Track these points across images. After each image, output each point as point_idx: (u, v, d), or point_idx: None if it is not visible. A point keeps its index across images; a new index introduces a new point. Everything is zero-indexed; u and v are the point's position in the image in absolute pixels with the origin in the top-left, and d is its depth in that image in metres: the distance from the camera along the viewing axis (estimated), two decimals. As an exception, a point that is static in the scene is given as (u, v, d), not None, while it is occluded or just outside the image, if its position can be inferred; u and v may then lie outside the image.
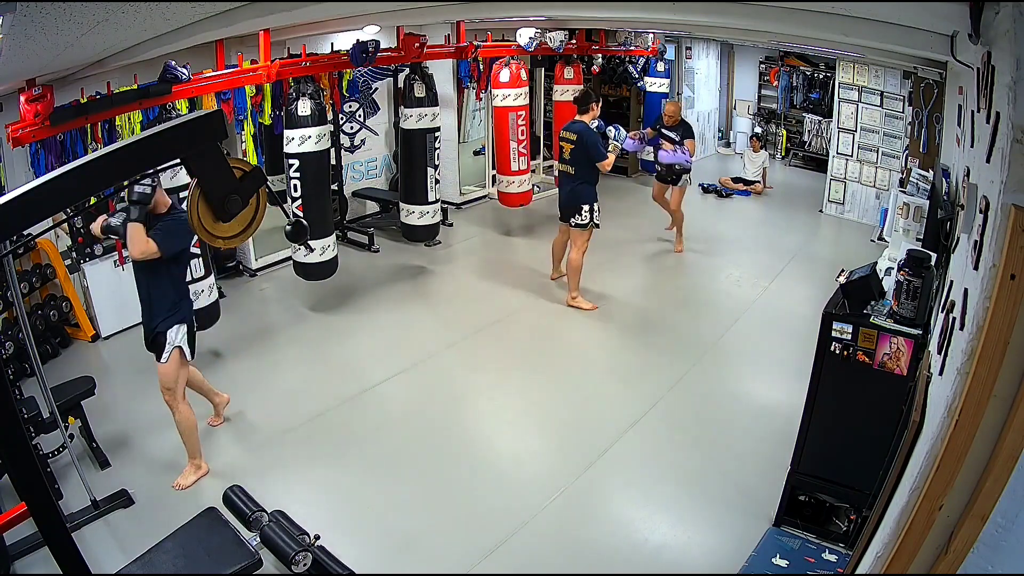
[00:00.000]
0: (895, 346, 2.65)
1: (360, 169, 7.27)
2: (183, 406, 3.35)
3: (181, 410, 3.34)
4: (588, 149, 4.99)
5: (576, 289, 5.40)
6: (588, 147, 4.99)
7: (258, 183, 1.91)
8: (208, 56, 4.61)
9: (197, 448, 3.46)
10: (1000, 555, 1.33)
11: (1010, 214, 1.20)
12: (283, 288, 5.73)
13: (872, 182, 7.65)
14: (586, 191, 5.11)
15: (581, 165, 5.06)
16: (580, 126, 5.06)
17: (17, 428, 1.45)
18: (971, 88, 2.02)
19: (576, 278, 5.36)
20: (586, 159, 5.03)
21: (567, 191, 5.21)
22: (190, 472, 3.44)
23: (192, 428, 3.40)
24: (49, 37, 2.23)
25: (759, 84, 10.98)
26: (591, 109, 5.09)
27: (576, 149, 5.04)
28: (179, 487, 3.39)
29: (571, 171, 5.12)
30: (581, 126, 5.06)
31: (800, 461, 3.06)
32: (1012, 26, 1.22)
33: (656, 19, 5.89)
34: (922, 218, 3.42)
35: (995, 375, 1.25)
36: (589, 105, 5.09)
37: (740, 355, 4.86)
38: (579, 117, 5.13)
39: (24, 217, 1.38)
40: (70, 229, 4.80)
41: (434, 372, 4.55)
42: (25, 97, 3.59)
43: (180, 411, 3.34)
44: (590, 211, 5.11)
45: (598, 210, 5.17)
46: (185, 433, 3.39)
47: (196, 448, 3.45)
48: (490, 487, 3.47)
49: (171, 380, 3.28)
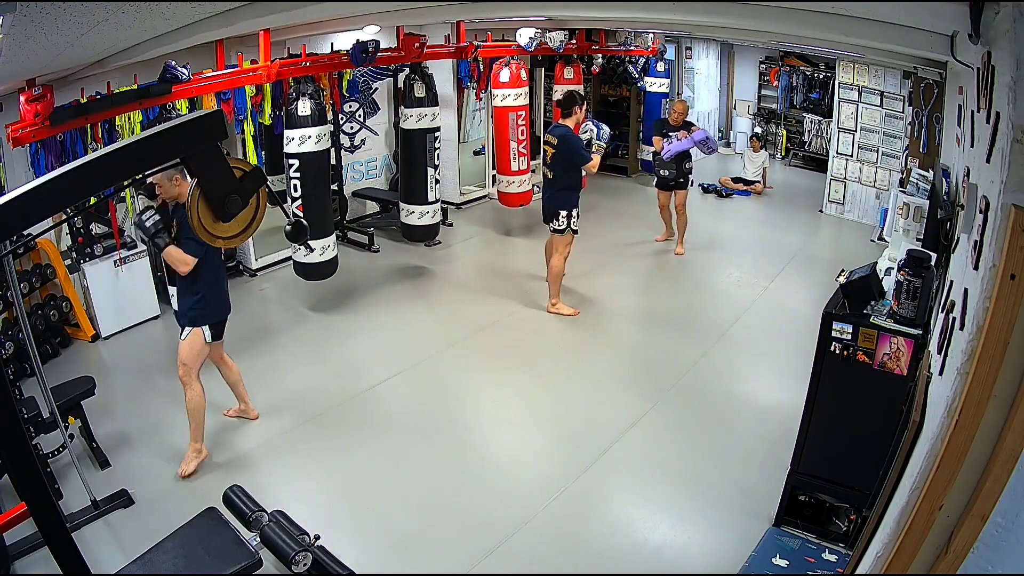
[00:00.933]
0: (895, 346, 2.65)
1: (360, 169, 7.27)
2: (196, 385, 3.42)
3: (194, 388, 3.41)
4: (571, 155, 4.85)
5: (556, 296, 5.29)
6: (571, 153, 4.84)
7: (258, 183, 1.91)
8: (208, 56, 4.61)
9: (200, 431, 3.50)
10: (1000, 555, 1.33)
11: (1010, 214, 1.20)
12: (283, 288, 5.73)
13: (872, 182, 7.65)
14: (566, 196, 4.98)
15: (561, 170, 4.93)
16: (562, 130, 4.92)
17: (17, 428, 1.45)
18: (971, 88, 2.02)
19: (557, 284, 5.25)
20: (567, 164, 4.90)
21: (547, 196, 5.09)
22: (192, 458, 3.48)
23: (200, 408, 3.45)
24: (49, 37, 2.23)
25: (759, 84, 10.98)
26: (574, 112, 4.93)
27: (557, 154, 4.90)
28: (183, 474, 3.44)
29: (551, 176, 5.00)
30: (563, 130, 4.91)
31: (800, 461, 3.06)
32: (1012, 26, 1.22)
33: (656, 19, 5.89)
34: (922, 218, 3.42)
35: (995, 375, 1.25)
36: (572, 108, 4.94)
37: (740, 355, 4.86)
38: (563, 121, 4.99)
39: (24, 217, 1.38)
40: (70, 229, 4.80)
41: (434, 372, 4.55)
42: (25, 97, 3.60)
43: (193, 389, 3.41)
44: (568, 216, 4.98)
45: (576, 216, 5.03)
46: (192, 412, 3.44)
47: (199, 431, 3.49)
48: (490, 487, 3.47)
49: (190, 358, 3.38)
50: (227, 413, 3.93)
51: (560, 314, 5.27)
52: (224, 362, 3.72)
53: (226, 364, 3.74)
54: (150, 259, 5.01)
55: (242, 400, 3.91)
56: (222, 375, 3.77)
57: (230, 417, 3.93)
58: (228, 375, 3.78)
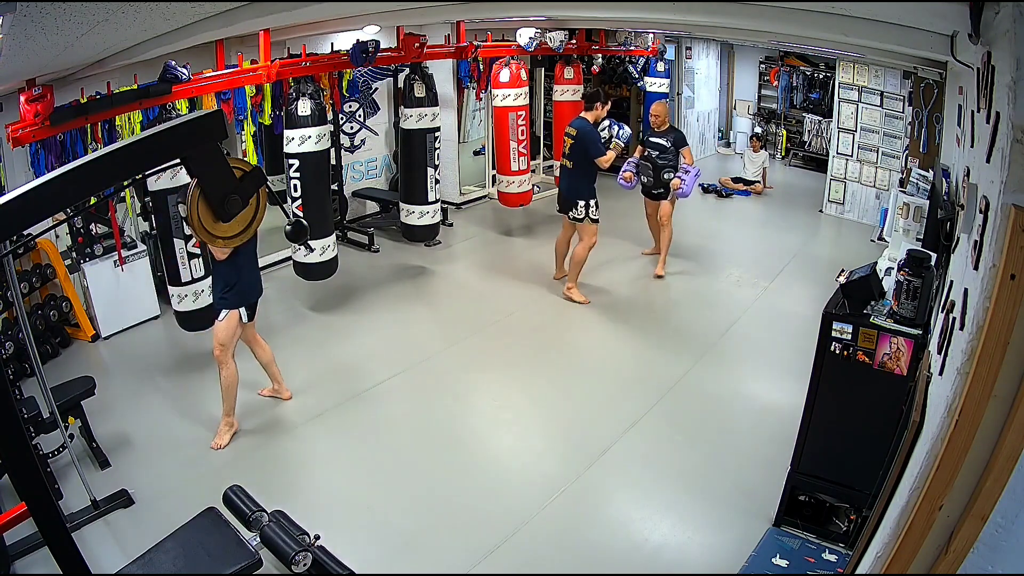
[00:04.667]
0: (895, 346, 2.65)
1: (360, 169, 7.27)
2: (231, 363, 3.62)
3: (229, 366, 3.61)
4: (587, 147, 5.08)
5: (574, 281, 5.50)
6: (587, 145, 5.08)
7: (258, 183, 1.91)
8: (208, 56, 4.61)
9: (232, 406, 3.71)
10: (1000, 555, 1.33)
11: (1010, 214, 1.20)
12: (283, 288, 5.72)
13: (872, 182, 7.65)
14: (583, 187, 5.22)
15: (579, 161, 5.17)
16: (581, 123, 5.18)
17: (17, 428, 1.45)
18: (971, 88, 2.01)
19: (577, 270, 5.46)
20: (584, 155, 5.12)
21: (564, 185, 5.38)
22: (225, 431, 3.70)
23: (234, 386, 3.66)
24: (49, 37, 2.23)
25: (759, 84, 10.97)
26: (595, 108, 5.23)
27: (575, 145, 5.16)
28: (217, 447, 3.66)
29: (569, 165, 5.26)
30: (582, 123, 5.18)
31: (800, 461, 3.06)
32: (1012, 26, 1.22)
33: (656, 19, 5.89)
34: (922, 218, 3.42)
35: (995, 375, 1.25)
36: (594, 104, 5.24)
37: (740, 355, 4.86)
38: (584, 114, 5.25)
39: (24, 217, 1.38)
40: (70, 229, 4.80)
41: (434, 372, 4.55)
42: (25, 97, 3.59)
43: (228, 367, 3.61)
44: (586, 206, 5.22)
45: (595, 206, 5.26)
46: (227, 389, 3.65)
47: (232, 406, 3.70)
48: (490, 487, 3.47)
49: (226, 337, 3.56)
50: (262, 392, 4.10)
51: (572, 300, 5.48)
52: (257, 342, 3.87)
53: (259, 344, 3.88)
54: (150, 259, 5.01)
55: (275, 380, 4.06)
56: (255, 355, 3.91)
57: (265, 396, 4.09)
58: (261, 355, 3.91)
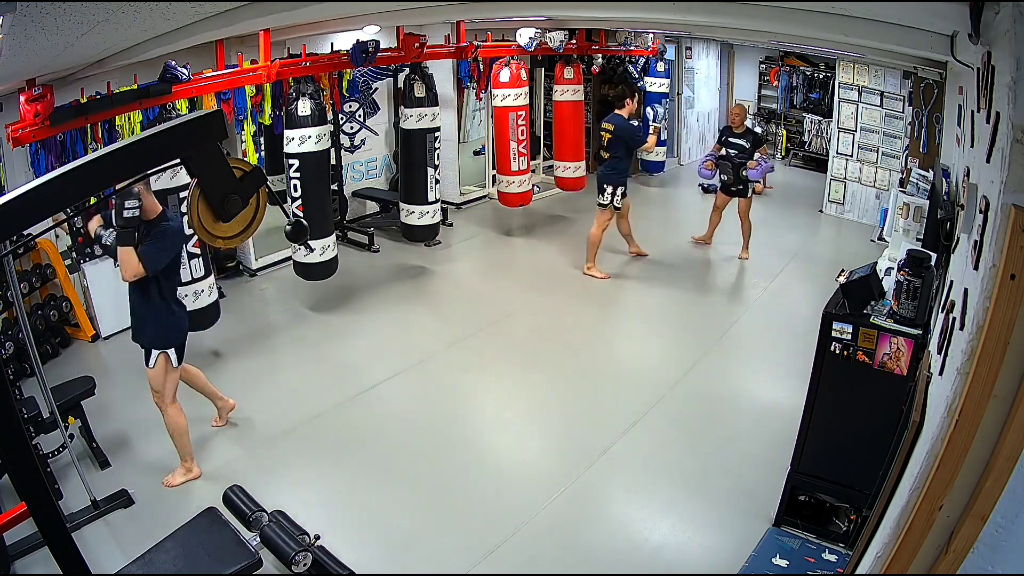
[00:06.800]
0: (895, 346, 2.65)
1: (360, 169, 7.27)
2: (172, 409, 3.34)
3: (170, 412, 3.34)
4: (626, 139, 5.69)
5: (591, 260, 5.99)
6: (625, 137, 5.68)
7: (258, 183, 1.90)
8: (208, 56, 4.61)
9: (188, 451, 3.45)
10: (1000, 555, 1.33)
11: (1010, 214, 1.20)
12: (283, 288, 5.73)
13: (872, 182, 7.65)
14: (616, 176, 5.77)
15: (616, 151, 5.73)
16: (616, 119, 5.74)
17: (17, 428, 1.45)
18: (971, 88, 2.01)
19: (593, 251, 5.98)
20: (621, 146, 5.70)
21: (601, 172, 5.90)
22: (179, 473, 3.44)
23: (182, 431, 3.38)
24: (49, 37, 2.23)
25: (759, 84, 10.96)
26: (627, 104, 5.79)
27: (614, 137, 5.71)
28: (168, 485, 3.40)
29: (605, 156, 5.82)
30: (617, 119, 5.74)
31: (800, 461, 3.06)
32: (1012, 26, 1.22)
33: (656, 19, 5.89)
34: (922, 218, 3.42)
35: (995, 375, 1.25)
36: (624, 100, 5.82)
37: (740, 355, 4.86)
38: (617, 111, 5.79)
39: (24, 217, 1.38)
40: (70, 229, 4.80)
41: (434, 372, 4.55)
42: (25, 97, 3.59)
43: (169, 414, 3.34)
44: (612, 193, 5.75)
45: (620, 195, 5.78)
46: (175, 435, 3.39)
47: (187, 451, 3.44)
48: (490, 487, 3.47)
49: (159, 383, 3.28)
50: (215, 424, 3.86)
51: (594, 277, 5.97)
52: (185, 370, 3.52)
53: (187, 372, 3.56)
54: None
55: (215, 398, 3.81)
56: (187, 384, 3.60)
57: (220, 426, 3.87)
58: (193, 381, 3.65)
